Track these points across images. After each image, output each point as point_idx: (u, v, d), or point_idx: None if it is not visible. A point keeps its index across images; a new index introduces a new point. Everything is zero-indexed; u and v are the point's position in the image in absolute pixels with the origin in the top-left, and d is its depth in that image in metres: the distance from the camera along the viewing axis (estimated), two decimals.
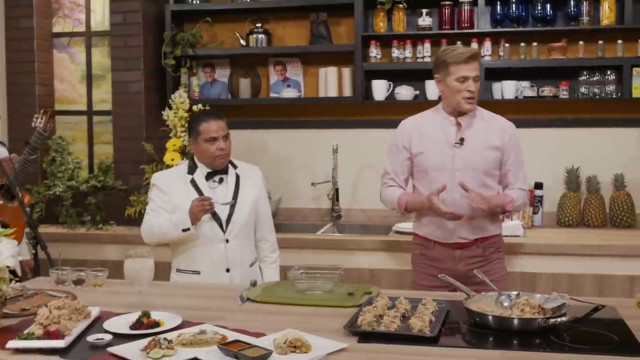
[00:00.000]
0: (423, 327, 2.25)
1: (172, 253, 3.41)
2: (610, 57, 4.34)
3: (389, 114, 4.71)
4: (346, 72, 4.67)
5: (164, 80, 4.79)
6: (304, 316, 2.50)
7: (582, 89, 4.36)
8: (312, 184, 4.73)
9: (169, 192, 3.32)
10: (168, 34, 4.71)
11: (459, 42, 4.36)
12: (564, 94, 4.37)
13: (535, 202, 4.48)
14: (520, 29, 4.42)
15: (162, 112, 4.49)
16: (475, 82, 3.18)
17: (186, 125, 4.43)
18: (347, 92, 4.66)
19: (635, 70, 4.24)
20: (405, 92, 4.57)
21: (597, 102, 4.44)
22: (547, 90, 4.39)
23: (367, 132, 4.77)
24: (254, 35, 4.74)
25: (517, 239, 4.09)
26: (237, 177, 3.38)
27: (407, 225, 4.39)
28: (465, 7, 4.43)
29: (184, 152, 4.39)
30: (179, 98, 4.43)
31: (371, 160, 4.75)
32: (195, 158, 3.38)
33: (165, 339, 2.11)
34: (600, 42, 4.33)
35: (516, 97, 4.44)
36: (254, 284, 2.91)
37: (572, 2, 4.32)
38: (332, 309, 2.58)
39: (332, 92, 4.67)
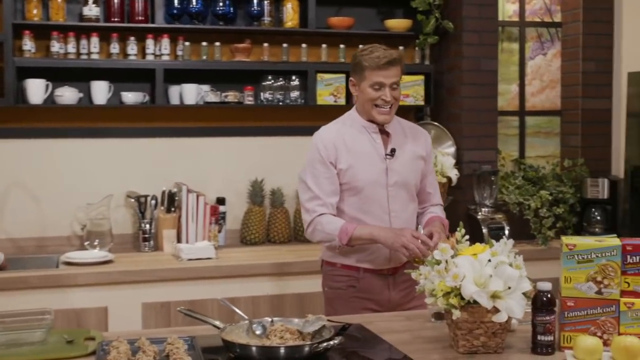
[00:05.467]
0: None
1: None
2: (295, 62, 4.48)
3: (49, 121, 4.31)
4: None
5: None
6: None
7: (267, 95, 4.41)
8: None
9: None
10: None
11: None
12: (249, 99, 4.38)
13: (219, 219, 4.41)
14: (201, 26, 4.33)
15: None
16: (393, 90, 3.05)
17: None
18: None
19: (319, 76, 4.43)
20: (68, 95, 4.17)
21: (281, 108, 4.55)
22: (232, 96, 4.36)
23: (21, 142, 4.25)
24: None
25: (210, 262, 4.01)
26: None
27: (78, 255, 4.01)
28: None
29: None
30: None
31: (24, 178, 4.26)
32: None
33: None
34: (285, 45, 4.44)
35: (197, 103, 4.33)
36: None
37: (254, 1, 4.36)
38: None
39: None
